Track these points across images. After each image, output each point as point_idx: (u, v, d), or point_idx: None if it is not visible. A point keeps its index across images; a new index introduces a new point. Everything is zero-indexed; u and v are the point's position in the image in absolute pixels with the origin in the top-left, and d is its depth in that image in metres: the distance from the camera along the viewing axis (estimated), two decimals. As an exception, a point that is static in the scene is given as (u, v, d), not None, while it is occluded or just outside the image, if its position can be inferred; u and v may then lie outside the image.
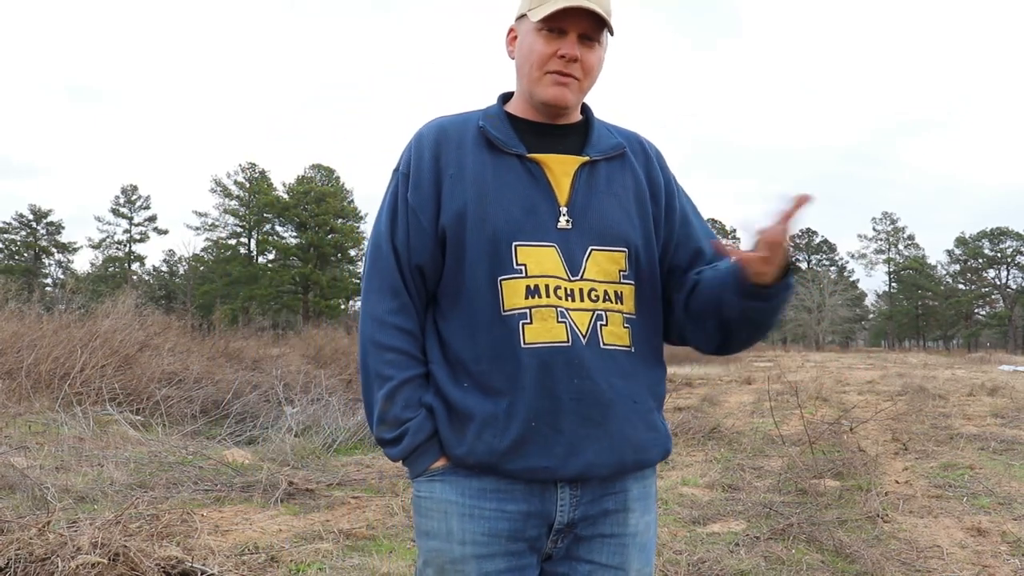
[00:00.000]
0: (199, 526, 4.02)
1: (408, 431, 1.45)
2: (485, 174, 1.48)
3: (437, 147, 1.52)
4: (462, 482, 1.44)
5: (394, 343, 1.47)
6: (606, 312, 1.46)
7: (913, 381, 16.89)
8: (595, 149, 1.54)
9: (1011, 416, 10.68)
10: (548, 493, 1.44)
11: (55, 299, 21.37)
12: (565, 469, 1.41)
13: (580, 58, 1.47)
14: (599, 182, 1.52)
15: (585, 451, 1.42)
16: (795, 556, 4.12)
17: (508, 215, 1.45)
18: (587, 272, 1.46)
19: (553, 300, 1.43)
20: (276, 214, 61.40)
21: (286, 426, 7.60)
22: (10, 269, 55.66)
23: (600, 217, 1.49)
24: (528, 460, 1.41)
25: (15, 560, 3.14)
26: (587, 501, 1.47)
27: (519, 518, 1.44)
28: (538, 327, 1.42)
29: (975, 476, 6.45)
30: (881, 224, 78.01)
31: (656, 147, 1.66)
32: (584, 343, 1.42)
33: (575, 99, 1.50)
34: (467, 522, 1.43)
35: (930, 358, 38.75)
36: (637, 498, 1.51)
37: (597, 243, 1.48)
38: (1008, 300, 71.23)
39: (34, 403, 8.26)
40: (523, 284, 1.43)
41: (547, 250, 1.45)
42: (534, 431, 1.40)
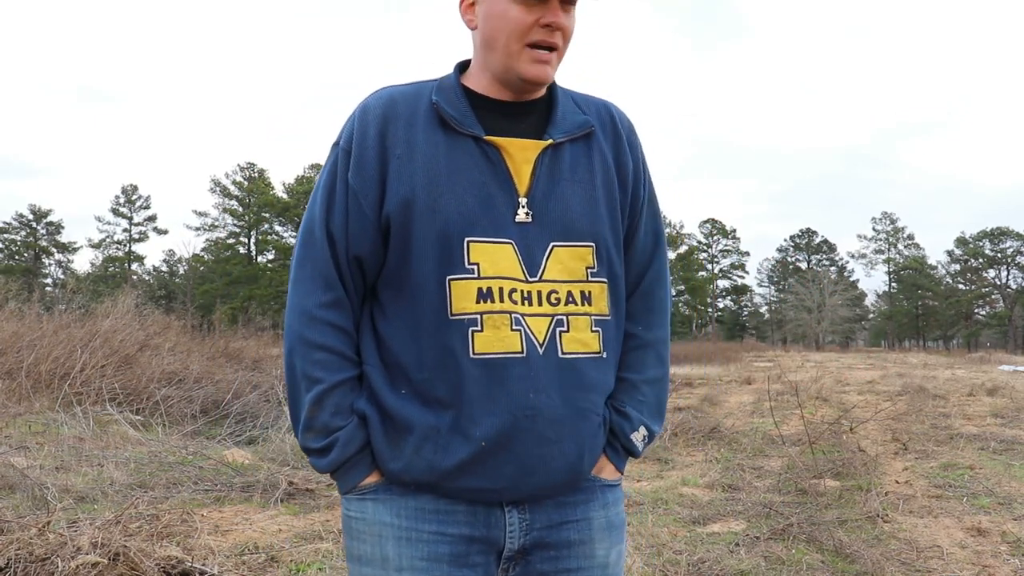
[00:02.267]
0: (199, 526, 4.02)
1: (337, 441, 1.29)
2: (437, 157, 1.29)
3: (384, 122, 1.31)
4: (397, 501, 1.30)
5: (325, 341, 1.29)
6: (568, 316, 1.30)
7: (913, 381, 16.88)
8: (559, 129, 1.34)
9: (1011, 416, 10.67)
10: (494, 517, 1.30)
11: (55, 299, 21.39)
12: (514, 491, 1.28)
13: (561, 25, 1.29)
14: (562, 168, 1.33)
15: (537, 472, 1.28)
16: (795, 556, 4.12)
17: (462, 206, 1.27)
18: (547, 272, 1.30)
19: (507, 305, 1.26)
20: (276, 214, 61.45)
21: (286, 426, 7.59)
22: (10, 269, 55.66)
23: (564, 209, 1.31)
24: (472, 480, 1.26)
25: (15, 560, 3.14)
26: (541, 527, 1.32)
27: (461, 542, 1.29)
28: (489, 335, 1.25)
29: (975, 476, 6.45)
30: (881, 224, 78.05)
31: (628, 119, 1.45)
32: (540, 353, 1.27)
33: (552, 75, 1.33)
34: (404, 546, 1.28)
35: (930, 358, 38.75)
36: (604, 527, 1.37)
37: (560, 239, 1.31)
38: (1008, 300, 71.24)
39: (34, 403, 8.26)
40: (475, 286, 1.26)
41: (503, 247, 1.28)
42: (483, 451, 1.25)
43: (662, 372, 1.44)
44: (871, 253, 77.83)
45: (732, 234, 78.57)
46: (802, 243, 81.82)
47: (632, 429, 1.38)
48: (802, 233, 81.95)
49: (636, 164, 1.42)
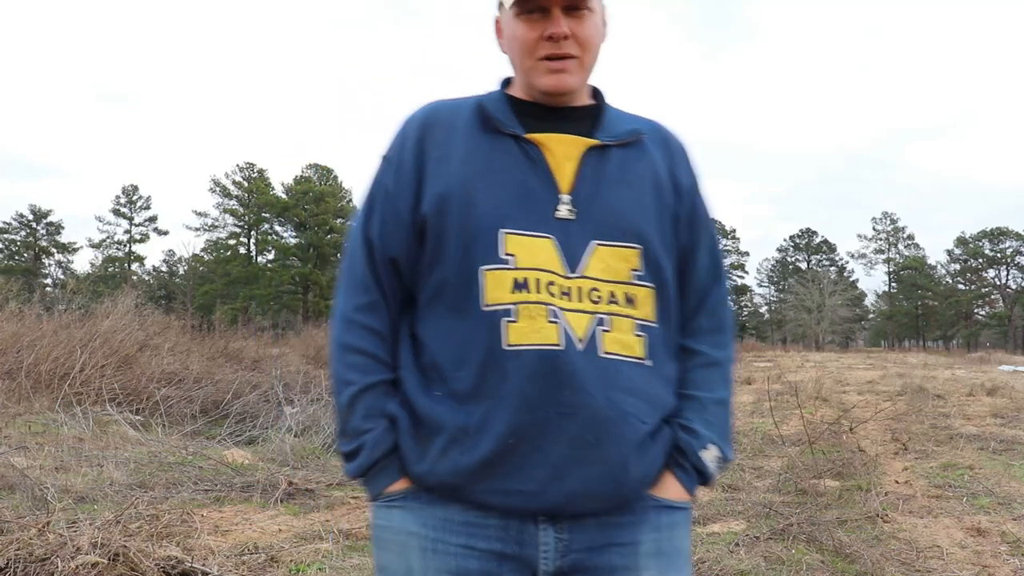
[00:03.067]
0: (199, 526, 4.02)
1: (365, 445, 1.26)
2: (476, 156, 1.29)
3: (423, 127, 1.34)
4: (424, 510, 1.24)
5: (359, 344, 1.29)
6: (610, 316, 1.24)
7: (913, 381, 16.88)
8: (607, 133, 1.33)
9: (1011, 416, 10.68)
10: (527, 534, 1.22)
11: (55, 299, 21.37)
12: (544, 497, 1.20)
13: (572, 32, 1.28)
14: (610, 169, 1.30)
15: (571, 477, 1.19)
16: (795, 556, 4.12)
17: (497, 200, 1.25)
18: (589, 269, 1.25)
19: (545, 296, 1.22)
20: (275, 214, 61.45)
21: (286, 426, 7.60)
22: (10, 269, 55.66)
23: (609, 208, 1.28)
24: (499, 481, 1.20)
25: (15, 560, 3.14)
26: (581, 549, 1.23)
27: (491, 558, 1.22)
28: (524, 326, 1.20)
29: (975, 476, 6.45)
30: (881, 224, 78.03)
31: (682, 142, 1.42)
32: (580, 349, 1.20)
33: (578, 80, 1.32)
34: (429, 558, 1.22)
35: (930, 358, 38.71)
36: (652, 554, 1.25)
37: (603, 237, 1.26)
38: (1008, 300, 71.24)
39: (34, 403, 8.26)
40: (510, 276, 1.22)
41: (541, 241, 1.24)
42: (511, 448, 1.19)
43: (729, 394, 1.39)
44: (871, 253, 77.83)
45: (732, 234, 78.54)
46: (802, 243, 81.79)
47: (701, 446, 1.30)
48: (802, 233, 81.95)
49: (695, 181, 1.40)
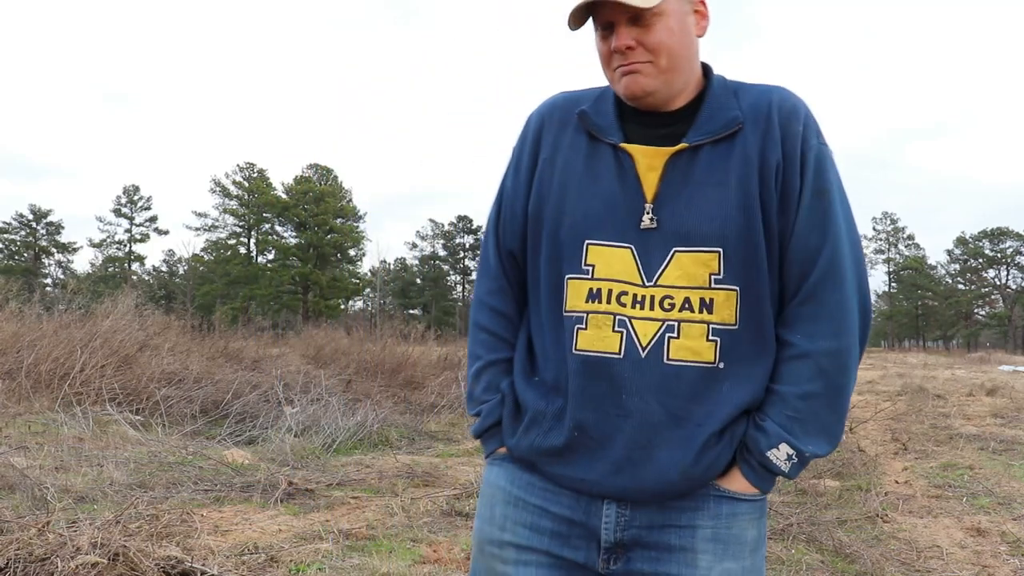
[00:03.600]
0: (199, 526, 4.01)
1: (482, 412, 1.45)
2: (575, 163, 1.37)
3: (540, 126, 1.44)
4: (515, 472, 1.40)
5: (487, 324, 1.46)
6: (680, 323, 1.29)
7: (913, 381, 16.89)
8: (700, 131, 1.33)
9: (1011, 416, 10.68)
10: (594, 506, 1.34)
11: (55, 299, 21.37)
12: (603, 487, 1.31)
13: (639, 41, 1.29)
14: (697, 171, 1.31)
15: (626, 474, 1.30)
16: (795, 556, 4.12)
17: (587, 210, 1.33)
18: (665, 277, 1.30)
19: (614, 307, 1.30)
20: (275, 214, 61.44)
21: (286, 426, 7.60)
22: (10, 269, 55.64)
23: (690, 214, 1.30)
24: (568, 468, 1.34)
25: (15, 560, 3.14)
26: (640, 525, 1.32)
27: (563, 523, 1.35)
28: (591, 334, 1.31)
29: (975, 476, 6.45)
30: (881, 224, 78.01)
31: (792, 105, 1.34)
32: (642, 356, 1.28)
33: (654, 84, 1.31)
34: (510, 509, 1.38)
35: (930, 358, 38.72)
36: (709, 539, 1.31)
37: (683, 243, 1.29)
38: (1008, 300, 71.23)
39: (34, 403, 8.26)
40: (587, 286, 1.33)
41: (621, 251, 1.31)
42: (578, 441, 1.32)
43: (823, 387, 1.30)
44: (871, 253, 77.74)
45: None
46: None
47: (769, 445, 1.29)
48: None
49: (789, 154, 1.31)
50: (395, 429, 8.14)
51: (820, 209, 1.32)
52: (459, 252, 77.79)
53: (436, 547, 4.18)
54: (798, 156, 1.31)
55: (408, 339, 15.17)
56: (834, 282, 1.31)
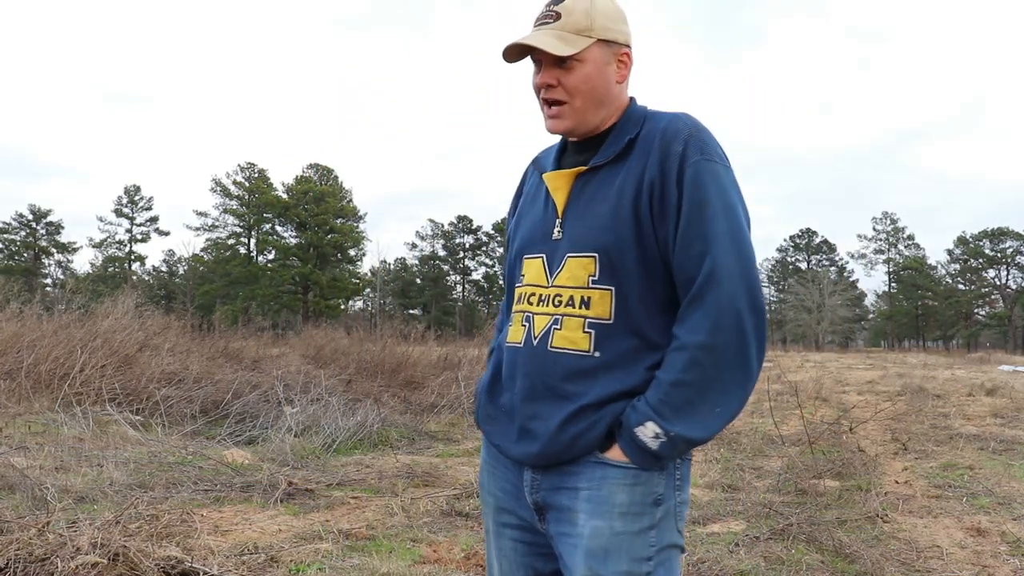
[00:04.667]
0: (199, 526, 4.01)
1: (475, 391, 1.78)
2: (527, 198, 1.72)
3: (524, 178, 1.81)
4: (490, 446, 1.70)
5: (499, 321, 1.86)
6: (563, 316, 1.53)
7: (913, 381, 16.89)
8: (601, 155, 1.57)
9: (1011, 416, 10.68)
10: (522, 473, 1.60)
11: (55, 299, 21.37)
12: (513, 451, 1.59)
13: (559, 81, 1.54)
14: (591, 189, 1.56)
15: (527, 441, 1.55)
16: (795, 556, 4.12)
17: (525, 231, 1.66)
18: (559, 278, 1.55)
19: (525, 306, 1.61)
20: (276, 214, 61.45)
21: (286, 426, 7.60)
22: (10, 269, 55.65)
23: (580, 224, 1.54)
24: (493, 437, 1.65)
25: (15, 560, 3.14)
26: (546, 488, 1.56)
27: (515, 485, 1.63)
28: (513, 329, 1.63)
29: (975, 476, 6.45)
30: (881, 224, 78.02)
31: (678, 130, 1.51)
32: (534, 345, 1.55)
33: (572, 123, 1.57)
34: (488, 477, 1.71)
35: (930, 358, 38.73)
36: (587, 500, 1.50)
37: (573, 250, 1.54)
38: (1008, 300, 71.21)
39: (34, 403, 8.26)
40: (519, 291, 1.65)
41: (536, 260, 1.61)
42: (499, 413, 1.63)
43: (697, 377, 1.43)
44: (871, 253, 77.84)
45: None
46: (802, 243, 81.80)
47: (637, 422, 1.45)
48: (802, 233, 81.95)
49: (666, 172, 1.48)
50: (395, 429, 8.14)
51: (700, 219, 1.46)
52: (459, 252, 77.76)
53: (436, 547, 4.18)
54: (674, 172, 1.48)
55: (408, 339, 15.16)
56: (715, 285, 1.44)
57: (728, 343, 1.43)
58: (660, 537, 1.50)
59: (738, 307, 1.44)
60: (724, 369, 1.44)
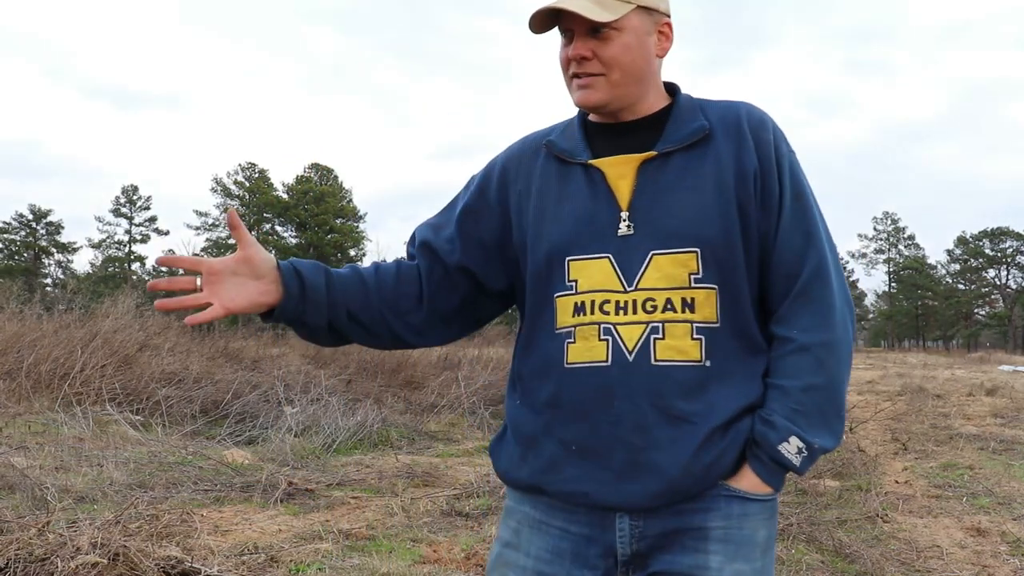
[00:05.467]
0: (199, 526, 4.01)
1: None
2: (549, 189, 1.43)
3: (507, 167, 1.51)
4: (534, 498, 1.42)
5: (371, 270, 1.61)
6: (664, 323, 1.31)
7: (913, 381, 16.89)
8: (669, 140, 1.37)
9: (1011, 416, 10.68)
10: (608, 520, 1.34)
11: (55, 299, 21.37)
12: (611, 496, 1.32)
13: (595, 53, 1.35)
14: (669, 177, 1.36)
15: (629, 480, 1.31)
16: (795, 556, 4.12)
17: (563, 229, 1.39)
18: (645, 280, 1.33)
19: (598, 316, 1.34)
20: (276, 214, 61.46)
21: (286, 426, 7.60)
22: (10, 269, 55.65)
23: (666, 216, 1.34)
24: (567, 484, 1.35)
25: (15, 560, 3.14)
26: (655, 534, 1.33)
27: (581, 542, 1.36)
28: (580, 346, 1.34)
29: (975, 476, 6.45)
30: (882, 224, 78.00)
31: (760, 117, 1.40)
32: (630, 360, 1.31)
33: (606, 96, 1.37)
34: (535, 535, 1.40)
35: (930, 358, 38.72)
36: (720, 539, 1.32)
37: (660, 246, 1.33)
38: (1008, 300, 71.22)
39: (34, 403, 8.26)
40: (572, 301, 1.37)
41: (599, 262, 1.35)
42: (573, 454, 1.34)
43: (825, 379, 1.33)
44: (872, 253, 77.82)
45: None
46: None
47: (780, 439, 1.30)
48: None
49: (764, 160, 1.36)
50: (395, 429, 8.14)
51: (800, 211, 1.37)
52: (459, 252, 77.67)
53: (436, 547, 4.18)
54: (774, 162, 1.37)
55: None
56: (821, 279, 1.35)
57: (842, 340, 1.35)
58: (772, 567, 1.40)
59: (842, 302, 1.37)
60: (843, 367, 1.36)
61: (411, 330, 1.51)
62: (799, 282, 1.35)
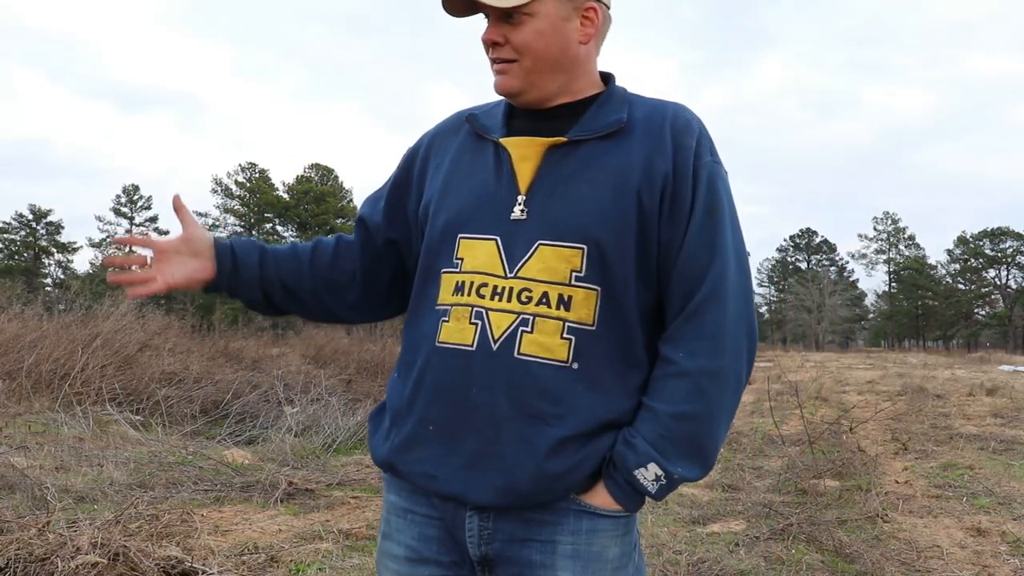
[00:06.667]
0: (199, 526, 4.01)
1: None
2: (460, 163, 1.39)
3: (435, 135, 1.48)
4: (400, 483, 1.39)
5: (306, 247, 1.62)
6: (535, 317, 1.25)
7: (913, 381, 16.88)
8: (583, 128, 1.31)
9: (1011, 416, 10.68)
10: (459, 517, 1.30)
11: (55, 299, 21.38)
12: (455, 486, 1.27)
13: (507, 39, 1.30)
14: (573, 166, 1.30)
15: (477, 470, 1.26)
16: (795, 556, 4.12)
17: (462, 205, 1.34)
18: (526, 270, 1.27)
19: (473, 299, 1.28)
20: (276, 214, 61.46)
21: (286, 426, 7.60)
22: (10, 269, 55.63)
23: (561, 206, 1.28)
24: (418, 464, 1.31)
25: (15, 560, 3.14)
26: (503, 539, 1.28)
27: (444, 528, 1.33)
28: (452, 326, 1.29)
29: (975, 476, 6.45)
30: (882, 224, 78.01)
31: (686, 122, 1.33)
32: (494, 349, 1.25)
33: (519, 84, 1.32)
34: (401, 522, 1.38)
35: (930, 358, 38.71)
36: (569, 555, 1.26)
37: (548, 237, 1.27)
38: (1008, 300, 71.19)
39: (34, 403, 8.26)
40: (455, 279, 1.32)
41: (486, 244, 1.30)
42: (426, 434, 1.30)
43: (702, 408, 1.25)
44: (872, 253, 77.82)
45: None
46: (802, 243, 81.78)
47: (638, 463, 1.24)
48: (802, 233, 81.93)
49: (680, 166, 1.28)
50: (395, 429, 8.14)
51: (710, 227, 1.28)
52: (459, 252, 77.68)
53: (436, 547, 4.18)
54: (690, 170, 1.29)
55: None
56: (718, 303, 1.27)
57: (729, 369, 1.28)
58: None
59: (739, 330, 1.29)
60: (726, 397, 1.28)
61: (346, 305, 1.53)
62: (693, 301, 1.27)
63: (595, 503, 1.28)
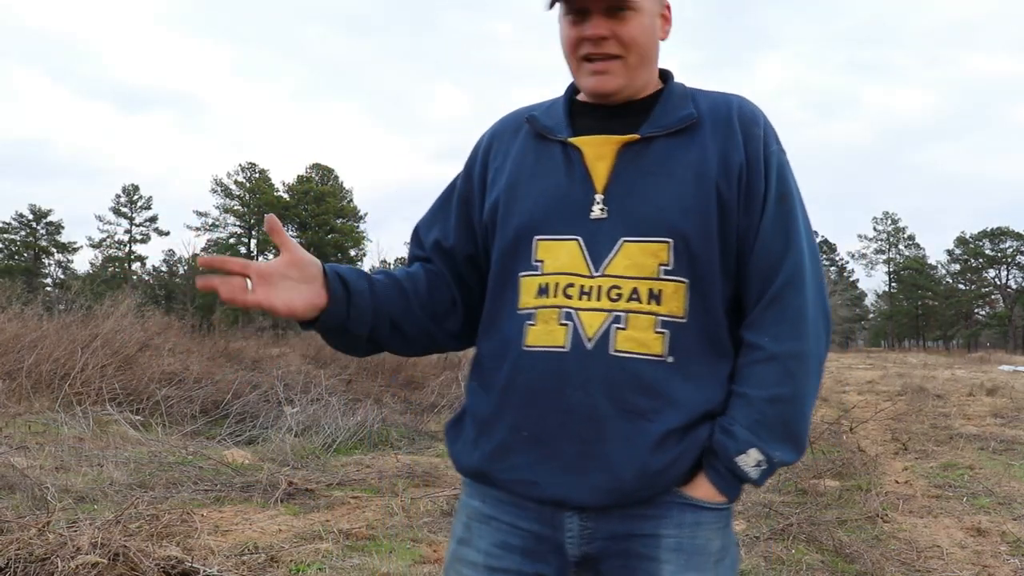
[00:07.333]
0: (199, 526, 4.02)
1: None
2: (524, 165, 1.37)
3: (491, 138, 1.46)
4: (484, 490, 1.36)
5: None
6: (628, 313, 1.25)
7: (913, 381, 16.88)
8: (654, 124, 1.32)
9: (1011, 416, 10.68)
10: (557, 518, 1.29)
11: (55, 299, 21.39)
12: (558, 490, 1.27)
13: (613, 33, 1.29)
14: (649, 162, 1.30)
15: (581, 472, 1.25)
16: (795, 556, 4.12)
17: (534, 207, 1.32)
18: (612, 267, 1.27)
19: (561, 300, 1.28)
20: (276, 214, 61.39)
21: (286, 426, 7.60)
22: (10, 269, 55.65)
23: (642, 203, 1.28)
24: (514, 472, 1.29)
25: (15, 560, 3.14)
26: (605, 537, 1.28)
27: (531, 539, 1.31)
28: (540, 329, 1.28)
29: (975, 476, 6.45)
30: (882, 224, 77.98)
31: (752, 112, 1.35)
32: (589, 348, 1.25)
33: (621, 81, 1.32)
34: (483, 529, 1.35)
35: (930, 358, 38.71)
36: (672, 548, 1.27)
37: (632, 233, 1.27)
38: (1008, 300, 71.20)
39: (34, 403, 8.26)
40: (537, 282, 1.31)
41: (567, 244, 1.29)
42: (523, 440, 1.28)
43: (792, 390, 1.27)
44: (872, 253, 77.77)
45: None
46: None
47: (738, 450, 1.25)
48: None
49: (752, 157, 1.30)
50: (395, 429, 8.14)
51: (783, 214, 1.31)
52: (459, 252, 77.64)
53: (436, 547, 4.18)
54: (761, 159, 1.31)
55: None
56: (797, 287, 1.29)
57: (812, 352, 1.29)
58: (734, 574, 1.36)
59: (818, 313, 1.31)
60: (812, 380, 1.30)
61: (449, 336, 1.46)
62: (773, 287, 1.29)
63: (697, 495, 1.28)
